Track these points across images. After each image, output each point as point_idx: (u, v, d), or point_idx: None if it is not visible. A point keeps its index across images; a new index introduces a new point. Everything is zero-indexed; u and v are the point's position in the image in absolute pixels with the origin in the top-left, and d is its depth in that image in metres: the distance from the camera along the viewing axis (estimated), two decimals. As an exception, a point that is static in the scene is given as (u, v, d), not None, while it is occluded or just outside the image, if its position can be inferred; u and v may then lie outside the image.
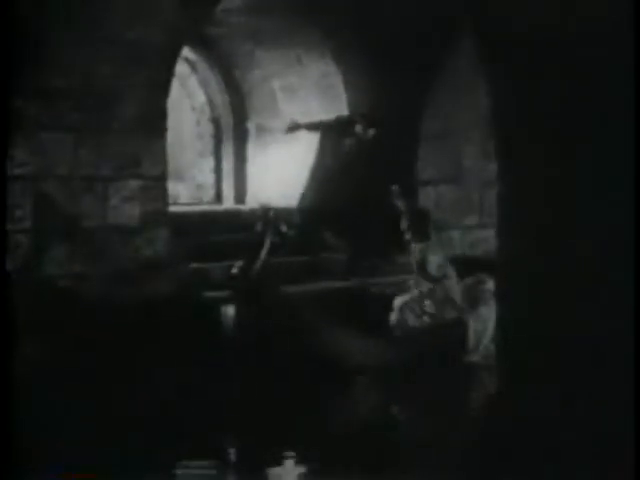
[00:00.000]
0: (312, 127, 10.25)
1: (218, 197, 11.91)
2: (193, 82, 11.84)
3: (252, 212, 8.84)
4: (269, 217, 8.30)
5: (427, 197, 9.99)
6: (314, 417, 7.16)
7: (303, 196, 9.93)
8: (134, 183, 8.46)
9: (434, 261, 8.95)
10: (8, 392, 5.45)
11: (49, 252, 7.88)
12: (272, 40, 10.98)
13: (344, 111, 10.49)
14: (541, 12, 4.93)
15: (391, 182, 9.00)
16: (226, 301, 8.13)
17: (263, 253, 8.16)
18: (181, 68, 10.54)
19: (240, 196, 11.73)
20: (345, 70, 10.31)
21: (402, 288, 8.91)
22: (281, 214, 8.76)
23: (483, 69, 5.62)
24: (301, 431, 6.80)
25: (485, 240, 9.24)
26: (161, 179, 8.67)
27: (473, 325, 8.76)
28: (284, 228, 8.67)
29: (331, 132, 10.01)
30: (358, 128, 9.93)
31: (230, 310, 8.06)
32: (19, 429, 5.74)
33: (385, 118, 9.96)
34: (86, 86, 8.04)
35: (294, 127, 10.44)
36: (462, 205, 10.02)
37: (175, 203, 10.30)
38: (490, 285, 8.85)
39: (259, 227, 8.31)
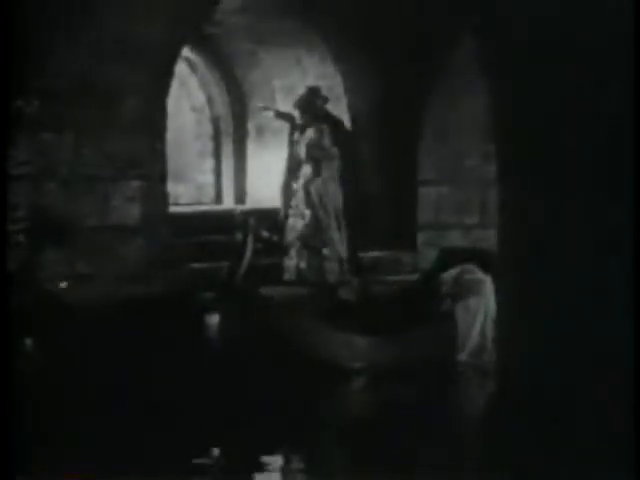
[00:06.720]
0: (281, 116, 10.25)
1: (218, 197, 11.91)
2: (193, 82, 11.84)
3: (233, 218, 8.80)
4: (249, 224, 8.27)
5: (427, 197, 9.99)
6: (301, 417, 7.18)
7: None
8: (134, 183, 8.47)
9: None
10: (8, 392, 5.45)
11: (49, 252, 7.88)
12: (272, 40, 10.98)
13: (344, 112, 10.48)
14: (541, 13, 4.95)
15: (390, 182, 9.01)
16: (213, 303, 8.14)
17: (245, 260, 8.15)
18: (181, 68, 10.54)
19: (240, 196, 11.73)
20: (345, 71, 10.31)
21: None
22: (263, 219, 8.72)
23: (483, 69, 5.64)
24: (290, 430, 6.80)
25: (485, 240, 9.22)
26: (161, 179, 8.68)
27: (462, 317, 8.55)
28: (265, 234, 8.63)
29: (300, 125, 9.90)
30: (319, 103, 9.85)
31: (215, 314, 8.07)
32: (19, 429, 5.74)
33: (385, 118, 9.95)
34: (86, 86, 8.05)
35: (265, 108, 10.54)
36: (462, 205, 10.02)
37: (175, 203, 10.29)
38: (478, 275, 8.65)
39: (239, 236, 8.30)
